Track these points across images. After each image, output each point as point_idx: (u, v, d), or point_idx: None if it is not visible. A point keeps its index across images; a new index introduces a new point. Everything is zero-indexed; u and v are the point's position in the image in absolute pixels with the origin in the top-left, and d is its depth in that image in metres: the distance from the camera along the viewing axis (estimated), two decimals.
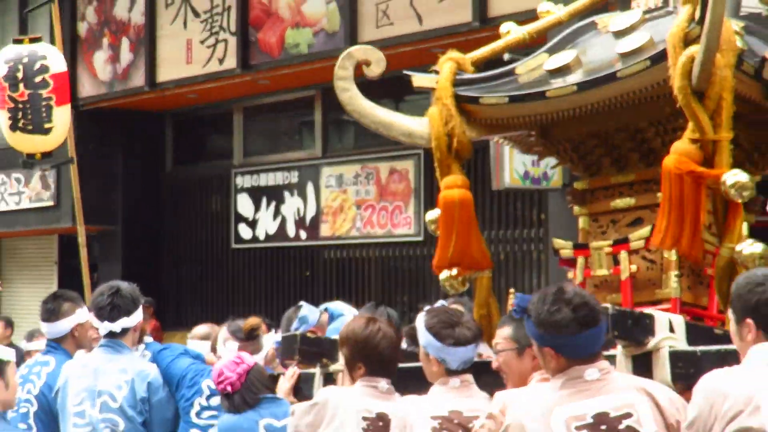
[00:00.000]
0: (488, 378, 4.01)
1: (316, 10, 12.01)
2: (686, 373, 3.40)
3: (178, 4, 13.42)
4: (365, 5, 11.54)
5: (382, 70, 4.45)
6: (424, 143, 4.44)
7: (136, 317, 5.40)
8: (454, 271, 4.42)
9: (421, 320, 4.11)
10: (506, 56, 5.01)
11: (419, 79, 4.52)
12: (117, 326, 5.32)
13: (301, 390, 4.80)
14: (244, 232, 13.77)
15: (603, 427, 3.27)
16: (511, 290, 4.55)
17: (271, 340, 5.47)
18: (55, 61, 8.27)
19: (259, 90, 13.39)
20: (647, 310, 3.79)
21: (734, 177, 3.66)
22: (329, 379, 4.64)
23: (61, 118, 8.22)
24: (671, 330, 3.55)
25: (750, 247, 3.73)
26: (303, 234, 13.06)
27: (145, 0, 13.69)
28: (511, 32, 4.62)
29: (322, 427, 4.21)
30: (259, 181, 13.61)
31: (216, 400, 5.06)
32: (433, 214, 4.46)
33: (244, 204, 13.77)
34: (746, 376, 3.16)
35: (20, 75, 8.14)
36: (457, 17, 10.59)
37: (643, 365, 3.52)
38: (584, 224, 4.45)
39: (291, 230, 13.20)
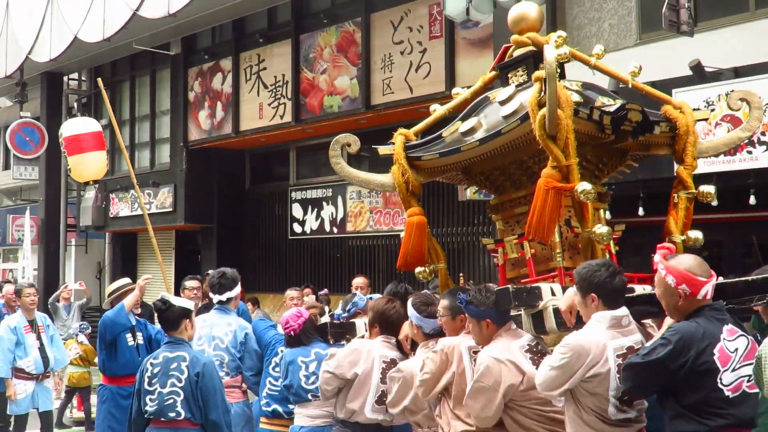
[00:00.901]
0: None
1: (343, 83, 12.05)
2: (564, 322, 3.46)
3: (253, 80, 13.47)
4: (375, 80, 11.59)
5: (358, 147, 4.40)
6: (391, 189, 4.40)
7: (236, 290, 5.51)
8: (423, 267, 4.42)
9: (410, 300, 4.14)
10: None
11: (383, 149, 4.44)
12: (224, 297, 5.47)
13: (314, 326, 4.93)
14: (297, 228, 13.74)
15: (534, 349, 3.51)
16: (461, 274, 4.68)
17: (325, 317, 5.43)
18: (69, 129, 8.46)
19: (306, 136, 13.39)
20: (538, 283, 3.79)
21: (582, 187, 3.66)
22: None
23: (73, 163, 8.41)
24: (553, 294, 3.60)
25: (599, 229, 3.75)
26: (335, 230, 13.04)
27: (232, 77, 13.78)
28: (437, 110, 4.57)
29: (359, 365, 4.24)
30: (307, 195, 13.60)
31: None
32: (402, 234, 4.39)
33: (296, 210, 13.75)
34: (596, 336, 3.20)
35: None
36: (435, 88, 10.62)
37: (538, 320, 3.60)
38: (500, 226, 4.42)
39: (327, 227, 13.18)
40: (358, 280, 7.64)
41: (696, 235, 4.09)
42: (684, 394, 3.02)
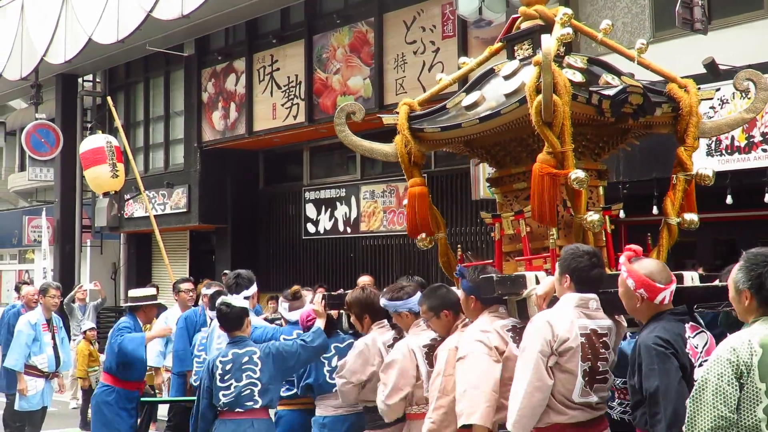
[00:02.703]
0: None
1: (356, 84, 12.07)
2: (547, 308, 3.47)
3: (267, 81, 13.50)
4: (388, 80, 11.61)
5: (362, 115, 4.44)
6: (394, 159, 4.41)
7: (252, 290, 5.59)
8: (423, 235, 4.49)
9: (381, 299, 4.31)
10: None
11: (387, 119, 4.47)
12: (240, 296, 5.43)
13: (334, 323, 5.01)
14: (311, 228, 13.75)
15: (518, 329, 3.58)
16: (459, 246, 4.63)
17: (309, 298, 5.48)
18: (84, 145, 8.71)
19: (319, 136, 13.36)
20: (521, 272, 3.84)
21: (575, 174, 3.66)
22: (348, 316, 4.81)
23: (89, 175, 8.70)
24: (537, 282, 3.64)
25: (590, 216, 3.77)
26: (348, 229, 13.06)
27: (245, 78, 13.81)
28: (443, 80, 4.63)
29: (369, 362, 4.34)
30: (320, 195, 13.60)
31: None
32: (405, 201, 4.49)
33: (310, 210, 13.75)
34: (565, 316, 3.30)
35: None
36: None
37: (522, 306, 3.67)
38: (499, 199, 4.41)
39: (341, 227, 13.19)
40: (364, 279, 7.66)
41: (691, 217, 4.09)
42: None
